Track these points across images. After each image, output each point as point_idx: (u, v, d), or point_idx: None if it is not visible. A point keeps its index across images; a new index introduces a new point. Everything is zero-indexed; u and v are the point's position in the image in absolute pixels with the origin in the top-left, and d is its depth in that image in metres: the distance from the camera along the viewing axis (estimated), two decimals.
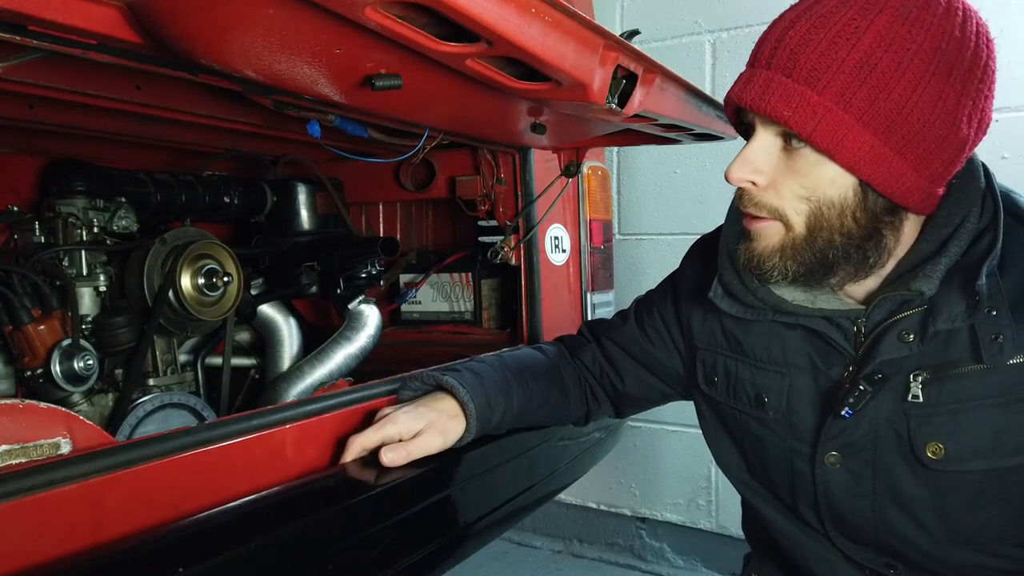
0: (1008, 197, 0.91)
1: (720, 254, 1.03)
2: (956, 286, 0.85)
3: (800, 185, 0.85)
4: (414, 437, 1.08)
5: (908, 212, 0.87)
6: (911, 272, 0.88)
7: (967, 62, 0.80)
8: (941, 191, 0.87)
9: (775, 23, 0.85)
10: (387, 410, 1.13)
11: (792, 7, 0.85)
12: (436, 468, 1.30)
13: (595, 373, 1.27)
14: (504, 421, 1.17)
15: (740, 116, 0.90)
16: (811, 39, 0.80)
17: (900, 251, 0.90)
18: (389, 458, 1.05)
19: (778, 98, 0.81)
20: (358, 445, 1.08)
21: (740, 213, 0.94)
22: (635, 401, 1.25)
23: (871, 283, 0.92)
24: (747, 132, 0.90)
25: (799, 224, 0.87)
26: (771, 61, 0.83)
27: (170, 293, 1.37)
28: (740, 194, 0.91)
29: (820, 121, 0.80)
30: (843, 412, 0.92)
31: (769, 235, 0.89)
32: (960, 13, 0.81)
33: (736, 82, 0.87)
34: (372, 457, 1.21)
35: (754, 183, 0.88)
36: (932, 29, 0.79)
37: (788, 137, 0.84)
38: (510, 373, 1.21)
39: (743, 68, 0.89)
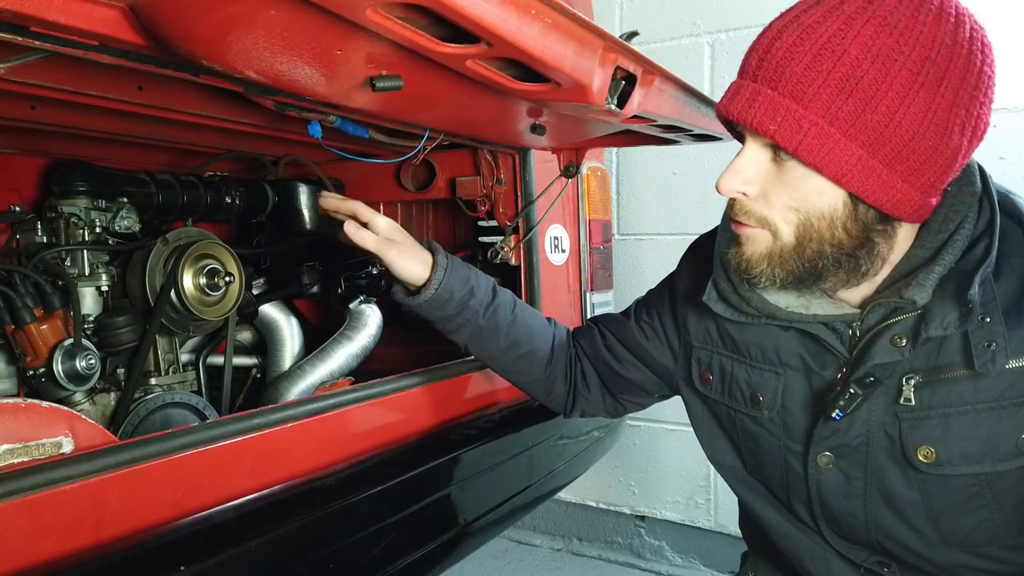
0: (1007, 199, 0.91)
1: (715, 259, 1.03)
2: (950, 293, 0.85)
3: (789, 196, 0.85)
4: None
5: (901, 221, 0.86)
6: (904, 279, 0.88)
7: (959, 70, 0.78)
8: (935, 199, 0.86)
9: (763, 33, 0.85)
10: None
11: (780, 16, 0.84)
12: (436, 467, 1.31)
13: (591, 356, 1.28)
14: (471, 317, 1.19)
15: (732, 125, 0.91)
16: (797, 51, 0.79)
17: (895, 257, 0.90)
18: (348, 229, 1.16)
19: (764, 111, 0.81)
20: (356, 205, 1.19)
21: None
22: (630, 388, 1.26)
23: (866, 288, 0.92)
24: (741, 139, 0.90)
25: (788, 234, 0.86)
26: (758, 73, 0.82)
27: (172, 293, 1.38)
28: (731, 203, 0.91)
29: (806, 135, 0.79)
30: (834, 414, 0.92)
31: (757, 241, 0.89)
32: (952, 19, 0.79)
33: (725, 93, 0.87)
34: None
35: (745, 194, 0.88)
36: (921, 39, 0.77)
37: (776, 149, 0.84)
38: (504, 294, 1.24)
39: None
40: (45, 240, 1.36)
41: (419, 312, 1.18)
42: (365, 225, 1.17)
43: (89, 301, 1.37)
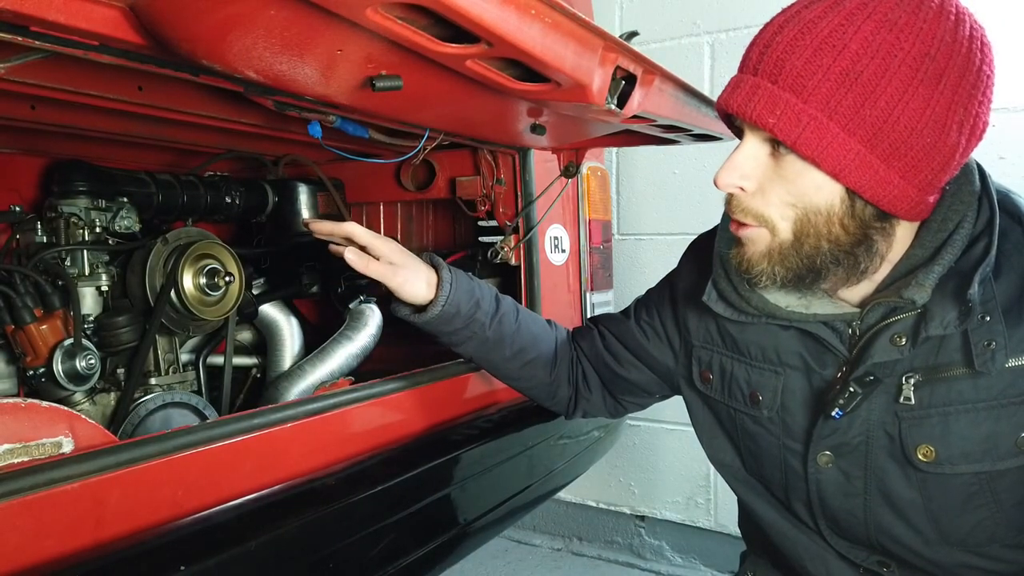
0: (1006, 198, 0.91)
1: (714, 259, 1.03)
2: (949, 292, 0.85)
3: (787, 191, 0.85)
4: (390, 264, 1.16)
5: (899, 219, 0.86)
6: (904, 279, 0.88)
7: (958, 68, 0.79)
8: (934, 198, 0.86)
9: (763, 28, 0.85)
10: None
11: (781, 12, 0.84)
12: (436, 467, 1.31)
13: (591, 358, 1.28)
14: (477, 329, 1.18)
15: (731, 120, 0.91)
16: (797, 45, 0.80)
17: (894, 256, 0.90)
18: (350, 258, 1.14)
19: (763, 105, 0.81)
20: (352, 227, 1.16)
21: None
22: (630, 388, 1.26)
23: (865, 287, 0.92)
24: (740, 134, 0.90)
25: (785, 230, 0.86)
26: (758, 67, 0.83)
27: (172, 293, 1.38)
28: (729, 199, 0.91)
29: (804, 128, 0.79)
30: (833, 413, 0.92)
31: (756, 240, 0.89)
32: (952, 17, 0.79)
33: (725, 87, 0.87)
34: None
35: (742, 188, 0.88)
36: (921, 35, 0.78)
37: (775, 143, 0.84)
38: (507, 302, 1.24)
39: None
40: (45, 240, 1.36)
41: (425, 329, 1.18)
42: (364, 249, 1.16)
43: (89, 301, 1.37)
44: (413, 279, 1.15)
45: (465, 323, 1.17)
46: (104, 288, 1.39)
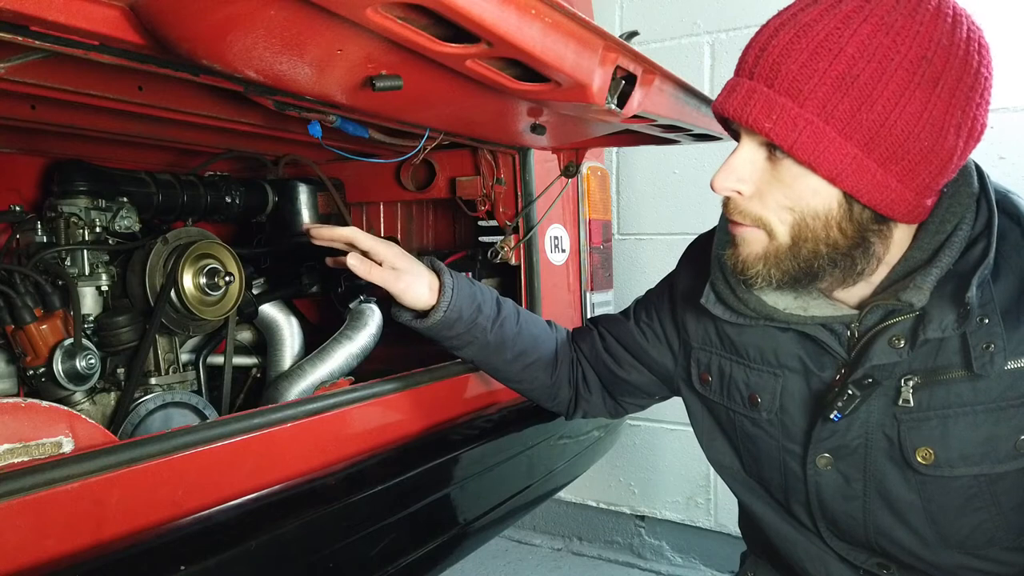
0: (1006, 198, 0.91)
1: (712, 261, 1.03)
2: (948, 295, 0.85)
3: (784, 195, 0.84)
4: (393, 269, 1.15)
5: (897, 222, 0.86)
6: (902, 281, 0.88)
7: (955, 70, 0.78)
8: (931, 200, 0.86)
9: (760, 31, 0.85)
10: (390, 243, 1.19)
11: (777, 14, 0.84)
12: (436, 467, 1.31)
13: (591, 359, 1.27)
14: (479, 334, 1.18)
15: (727, 123, 0.90)
16: (793, 49, 0.79)
17: (892, 258, 0.89)
18: (352, 264, 1.15)
19: (759, 109, 0.81)
20: (352, 233, 1.16)
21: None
22: (630, 390, 1.26)
23: (863, 289, 0.92)
24: (737, 137, 0.90)
25: (783, 234, 0.86)
26: (754, 71, 0.82)
27: (172, 293, 1.38)
28: (726, 202, 0.90)
29: (801, 133, 0.79)
30: (832, 415, 0.92)
31: (752, 241, 0.89)
32: (949, 20, 0.79)
33: (722, 91, 0.87)
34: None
35: (739, 192, 0.88)
36: (918, 38, 0.77)
37: (771, 147, 0.84)
38: (508, 306, 1.24)
39: None
40: (45, 240, 1.35)
41: (426, 334, 1.18)
42: (365, 253, 1.16)
43: (89, 301, 1.37)
44: (415, 284, 1.15)
45: (467, 328, 1.17)
46: (104, 288, 1.39)
